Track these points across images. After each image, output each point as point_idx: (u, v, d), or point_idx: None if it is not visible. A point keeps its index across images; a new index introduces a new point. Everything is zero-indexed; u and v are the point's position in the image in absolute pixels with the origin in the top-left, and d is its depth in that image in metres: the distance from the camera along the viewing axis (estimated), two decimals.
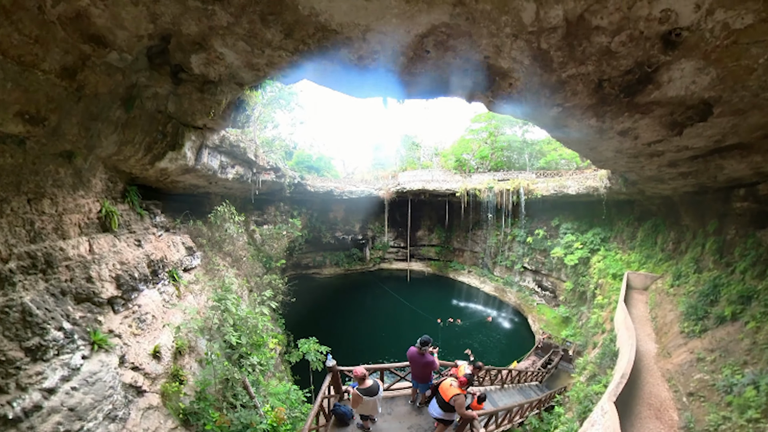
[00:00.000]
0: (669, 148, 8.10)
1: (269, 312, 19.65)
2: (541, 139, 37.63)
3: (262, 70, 6.94)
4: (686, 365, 10.08)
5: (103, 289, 6.70)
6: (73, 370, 5.49)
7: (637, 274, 16.87)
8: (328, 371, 7.29)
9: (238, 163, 16.34)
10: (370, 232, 42.10)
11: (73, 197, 6.31)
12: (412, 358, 7.21)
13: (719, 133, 6.89)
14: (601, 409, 7.91)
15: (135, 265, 8.13)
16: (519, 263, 34.17)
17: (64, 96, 5.08)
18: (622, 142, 7.76)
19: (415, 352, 7.08)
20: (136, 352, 7.19)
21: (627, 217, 22.49)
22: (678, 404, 9.18)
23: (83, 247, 6.45)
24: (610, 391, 8.32)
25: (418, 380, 7.62)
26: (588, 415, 9.36)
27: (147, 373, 7.13)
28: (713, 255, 12.27)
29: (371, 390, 6.07)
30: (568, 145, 9.98)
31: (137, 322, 7.67)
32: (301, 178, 25.32)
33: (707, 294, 11.28)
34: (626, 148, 8.37)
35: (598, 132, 7.43)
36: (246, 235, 20.91)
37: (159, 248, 10.02)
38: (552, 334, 23.78)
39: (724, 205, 12.08)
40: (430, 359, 7.04)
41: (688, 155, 8.86)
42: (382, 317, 30.69)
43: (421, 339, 7.02)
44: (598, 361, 12.97)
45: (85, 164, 6.56)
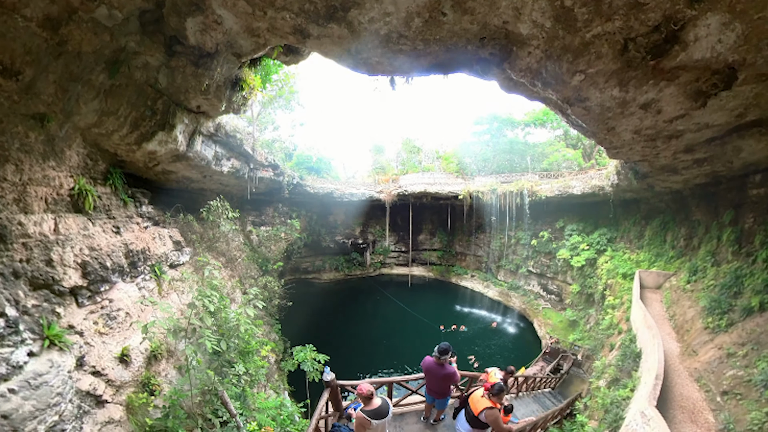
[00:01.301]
0: (689, 127, 7.67)
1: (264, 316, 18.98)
2: (543, 142, 37.39)
3: (262, 36, 6.56)
4: (715, 362, 9.32)
5: (65, 275, 5.79)
6: (14, 368, 4.53)
7: (649, 273, 16.15)
8: (326, 386, 6.23)
9: (234, 156, 15.74)
10: (370, 236, 41.38)
11: (41, 167, 5.64)
12: (428, 370, 6.24)
13: (742, 105, 6.53)
14: (642, 416, 7.13)
15: (108, 253, 7.16)
16: (523, 267, 33.38)
17: (43, 49, 4.66)
18: (643, 118, 7.32)
19: (433, 363, 6.13)
20: (100, 354, 6.14)
21: (633, 216, 21.87)
22: (712, 405, 8.40)
23: (47, 225, 5.67)
24: (648, 395, 7.57)
25: (434, 395, 6.61)
26: (620, 423, 8.70)
27: (110, 380, 6.10)
28: (731, 246, 11.64)
29: (380, 411, 4.77)
30: (584, 131, 9.40)
31: (105, 318, 6.66)
32: (301, 178, 24.78)
33: (730, 286, 10.63)
34: (646, 128, 7.90)
35: (620, 105, 6.95)
36: (242, 235, 20.23)
37: (142, 239, 9.20)
38: (559, 338, 22.86)
39: (738, 194, 11.64)
40: (450, 371, 6.09)
41: (707, 137, 8.47)
42: (383, 324, 29.78)
43: (440, 347, 6.03)
44: (619, 364, 12.13)
45: (60, 132, 5.92)
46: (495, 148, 38.45)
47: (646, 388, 8.40)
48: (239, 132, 15.25)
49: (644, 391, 8.54)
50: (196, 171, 13.66)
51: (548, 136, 37.56)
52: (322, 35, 6.01)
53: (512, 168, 37.62)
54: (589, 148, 34.24)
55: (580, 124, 8.48)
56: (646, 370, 9.90)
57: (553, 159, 33.50)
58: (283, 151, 34.52)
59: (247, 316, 9.49)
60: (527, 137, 36.69)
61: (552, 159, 33.63)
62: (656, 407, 7.43)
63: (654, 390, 7.63)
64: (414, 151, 45.21)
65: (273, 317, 19.70)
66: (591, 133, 9.21)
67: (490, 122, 36.72)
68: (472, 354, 24.27)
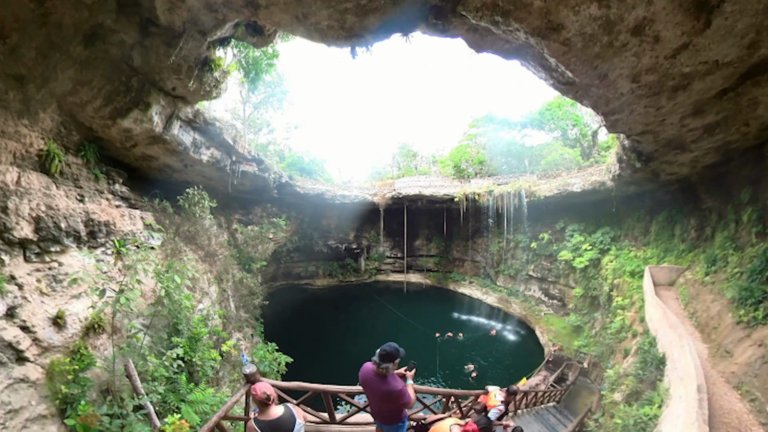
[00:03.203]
0: (696, 68, 6.59)
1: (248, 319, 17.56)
2: (541, 144, 36.77)
3: (220, 12, 6.98)
4: (757, 363, 8.01)
5: (17, 225, 5.92)
6: None
7: (660, 269, 14.93)
8: (245, 381, 4.66)
9: (214, 146, 14.82)
10: (365, 241, 40.05)
11: (15, 122, 6.12)
12: (365, 383, 4.06)
13: (752, 26, 5.49)
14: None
15: (65, 215, 7.04)
16: (523, 271, 32.17)
17: (29, 18, 5.22)
18: (640, 54, 6.15)
19: (371, 372, 3.91)
20: (34, 311, 5.83)
21: (637, 212, 20.80)
22: (761, 417, 7.04)
23: (10, 176, 6.01)
24: (694, 417, 6.14)
25: (377, 418, 4.38)
26: None
27: (38, 339, 5.69)
28: (754, 227, 10.51)
29: (278, 425, 3.36)
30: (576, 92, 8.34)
31: (50, 279, 6.43)
32: (290, 177, 23.63)
33: (761, 270, 9.44)
34: (646, 70, 6.69)
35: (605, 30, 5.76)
36: (227, 233, 18.91)
37: (108, 213, 8.85)
38: (563, 345, 21.45)
39: (755, 168, 10.61)
40: (394, 387, 3.76)
41: (718, 86, 7.47)
42: (378, 332, 28.37)
43: (381, 350, 3.77)
44: (638, 373, 10.66)
45: (37, 95, 6.39)
46: (491, 151, 37.74)
47: (683, 405, 6.99)
48: (219, 121, 14.39)
49: (680, 407, 7.13)
50: (176, 158, 13.29)
51: (546, 138, 37.01)
52: (270, 4, 6.25)
53: (510, 170, 36.83)
54: (587, 148, 33.58)
55: (568, 76, 7.32)
56: (677, 380, 8.51)
57: (551, 158, 32.73)
58: (277, 154, 33.63)
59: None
60: (524, 139, 36.15)
61: (550, 159, 32.87)
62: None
63: (701, 408, 6.22)
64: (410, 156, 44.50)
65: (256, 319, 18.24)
66: (583, 90, 8.11)
67: (485, 124, 36.12)
68: (470, 363, 22.94)
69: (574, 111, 33.59)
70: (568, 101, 33.33)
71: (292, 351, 21.01)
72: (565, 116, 33.31)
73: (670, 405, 8.35)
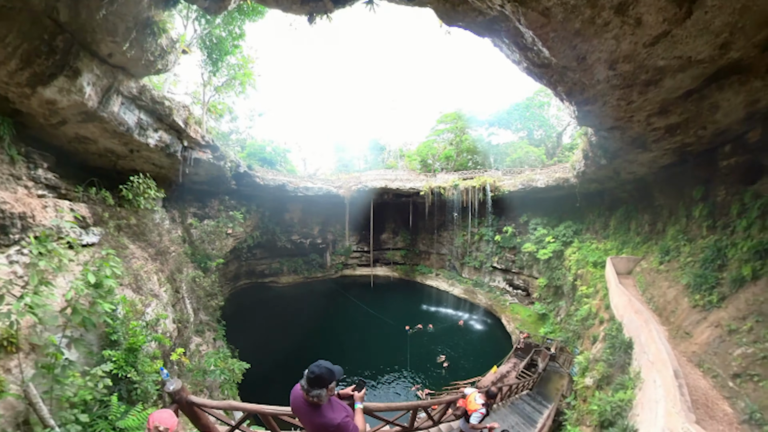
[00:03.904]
0: (670, 63, 6.72)
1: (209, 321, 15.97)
2: (506, 142, 38.03)
3: None
4: (716, 342, 8.63)
5: None
6: None
7: (620, 259, 16.01)
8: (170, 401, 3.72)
9: (163, 128, 13.09)
10: (330, 236, 38.91)
11: None
12: (296, 410, 3.13)
13: (727, 26, 5.70)
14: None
15: None
16: (488, 263, 33.21)
17: None
18: (620, 37, 6.05)
19: (300, 399, 2.99)
20: None
21: (598, 208, 22.26)
22: (724, 392, 7.54)
23: None
24: (678, 405, 6.16)
25: None
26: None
27: None
28: (705, 221, 11.48)
29: None
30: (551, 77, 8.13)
31: None
32: (249, 167, 21.86)
33: (712, 259, 10.29)
34: (623, 57, 6.60)
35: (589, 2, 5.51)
36: (181, 228, 16.96)
37: (24, 203, 7.27)
38: (530, 333, 22.36)
39: (707, 169, 11.57)
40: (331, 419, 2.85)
41: (685, 87, 7.83)
42: (346, 328, 27.71)
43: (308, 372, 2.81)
44: (608, 358, 11.11)
45: None
46: (458, 147, 38.33)
47: (660, 390, 7.19)
48: (169, 100, 12.66)
49: (657, 392, 7.35)
50: (118, 141, 11.72)
51: (512, 137, 38.37)
52: None
53: (475, 166, 37.73)
54: (551, 148, 35.34)
55: (544, 55, 7.02)
56: (647, 363, 8.89)
57: (516, 156, 33.99)
58: (239, 143, 31.22)
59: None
60: (491, 137, 37.11)
61: (515, 156, 34.11)
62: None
63: (683, 396, 6.23)
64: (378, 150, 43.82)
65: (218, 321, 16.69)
66: (559, 75, 7.85)
67: (454, 121, 36.50)
68: (441, 353, 23.13)
69: (541, 113, 35.04)
70: (536, 102, 34.67)
71: (256, 354, 19.82)
72: (532, 117, 34.67)
73: (643, 389, 8.68)
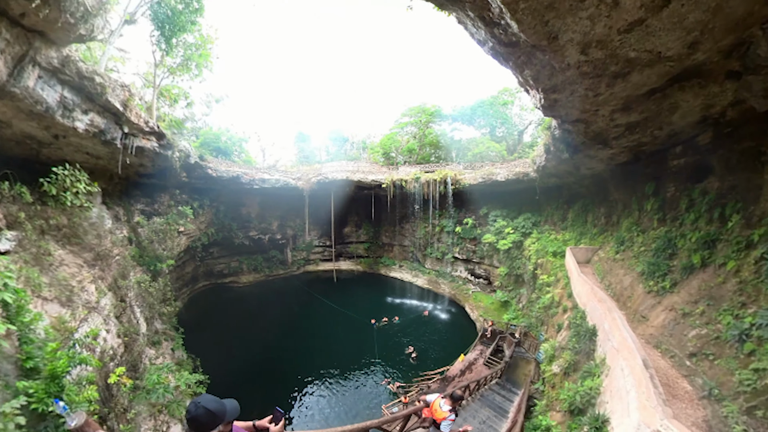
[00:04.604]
0: (641, 55, 6.68)
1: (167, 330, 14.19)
2: (469, 138, 39.09)
3: None
4: (671, 325, 9.58)
5: None
6: None
7: (578, 249, 17.29)
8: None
9: (95, 110, 11.08)
10: (290, 231, 37.20)
11: None
12: None
13: (699, 23, 5.76)
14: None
15: None
16: (449, 253, 34.25)
17: None
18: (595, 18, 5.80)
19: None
20: None
21: (556, 201, 23.79)
22: (682, 370, 8.37)
23: None
24: (655, 400, 6.33)
25: None
26: (604, 429, 7.71)
27: None
28: (656, 214, 12.70)
29: None
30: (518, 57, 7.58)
31: None
32: (200, 158, 19.68)
33: (663, 249, 11.38)
34: (596, 40, 6.34)
35: None
36: (126, 227, 14.70)
37: None
38: (494, 320, 23.50)
39: (658, 167, 12.69)
40: None
41: (650, 84, 8.01)
42: (311, 326, 26.86)
43: (187, 414, 2.20)
44: (574, 346, 11.81)
45: None
46: (422, 141, 38.59)
47: (630, 379, 7.55)
48: (102, 76, 10.62)
49: (627, 381, 7.73)
50: (37, 124, 9.78)
51: (475, 133, 39.48)
52: None
53: (438, 160, 38.37)
54: (513, 145, 37.00)
55: (512, 31, 6.54)
56: (613, 350, 9.49)
57: (478, 151, 35.08)
58: (195, 132, 28.08)
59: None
60: (454, 132, 37.79)
61: (476, 151, 35.19)
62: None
63: (657, 389, 6.48)
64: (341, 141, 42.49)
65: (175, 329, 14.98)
66: (527, 56, 7.39)
67: (418, 114, 36.53)
68: (410, 345, 23.36)
69: (505, 111, 36.34)
70: (501, 101, 35.75)
71: (221, 361, 18.38)
72: (496, 114, 35.82)
73: (610, 375, 9.25)
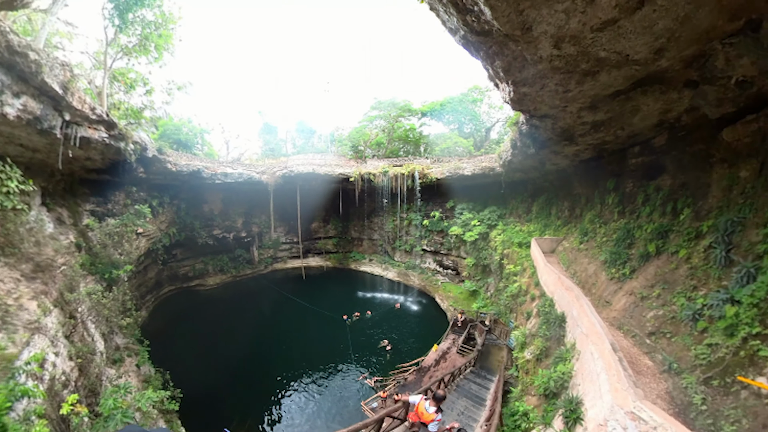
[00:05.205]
0: (610, 56, 6.85)
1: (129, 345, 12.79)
2: (437, 134, 39.71)
3: None
4: (632, 308, 10.62)
5: None
6: None
7: (543, 239, 18.46)
8: None
9: (28, 93, 9.63)
10: (255, 228, 35.51)
11: None
12: None
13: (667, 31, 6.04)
14: (633, 418, 5.75)
15: None
16: (418, 246, 35.00)
17: None
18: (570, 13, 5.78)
19: None
20: None
21: (521, 195, 25.15)
22: (643, 348, 9.32)
23: None
24: (626, 383, 6.51)
25: None
26: (580, 412, 7.89)
27: None
28: (616, 207, 13.93)
29: None
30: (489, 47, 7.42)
31: None
32: (159, 150, 17.88)
33: (623, 239, 12.53)
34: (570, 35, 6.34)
35: None
36: (74, 232, 12.91)
37: None
38: (464, 309, 24.49)
39: (619, 165, 13.90)
40: None
41: (617, 86, 8.36)
42: (283, 326, 26.17)
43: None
44: (545, 333, 12.48)
45: None
46: (391, 135, 38.55)
47: (600, 362, 8.05)
48: (37, 52, 9.15)
49: (597, 365, 8.22)
50: None
51: (444, 129, 40.17)
52: None
53: (407, 155, 38.67)
54: (480, 141, 38.23)
55: (485, 18, 6.32)
56: (582, 336, 10.08)
57: (446, 146, 35.86)
58: (155, 123, 25.29)
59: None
60: (423, 127, 38.18)
61: (444, 146, 35.95)
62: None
63: (626, 371, 6.79)
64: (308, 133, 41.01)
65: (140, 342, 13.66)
66: (499, 46, 7.25)
67: (387, 108, 36.34)
68: (384, 338, 23.53)
69: (474, 108, 37.27)
70: (470, 98, 36.55)
71: (191, 373, 17.27)
72: (464, 111, 36.63)
73: (581, 359, 9.80)
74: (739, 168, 8.14)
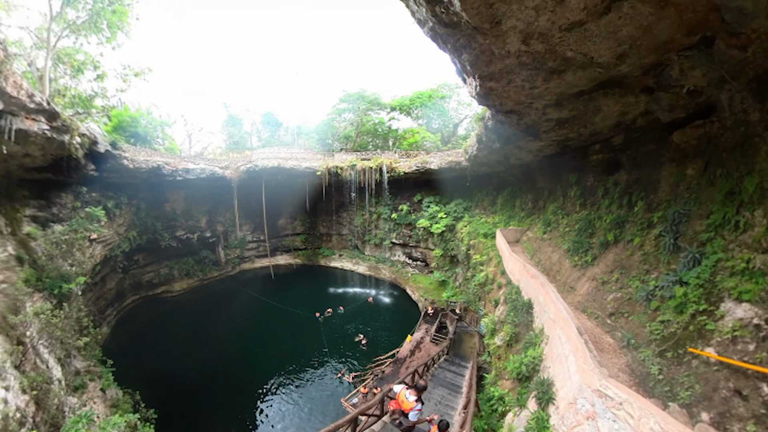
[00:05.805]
0: (576, 56, 7.06)
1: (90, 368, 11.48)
2: (406, 128, 39.94)
3: None
4: (594, 292, 11.76)
5: None
6: None
7: (508, 230, 19.60)
8: None
9: None
10: (220, 227, 33.63)
11: None
12: None
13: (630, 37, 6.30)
14: (601, 396, 6.14)
15: None
16: (387, 239, 35.51)
17: None
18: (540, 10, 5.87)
19: None
20: None
21: (486, 188, 26.32)
22: (605, 327, 10.39)
23: None
24: (592, 363, 7.00)
25: None
26: (552, 392, 8.42)
27: None
28: (578, 200, 15.15)
29: None
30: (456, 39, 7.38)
31: None
32: (113, 145, 16.12)
33: (585, 229, 13.69)
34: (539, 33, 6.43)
35: None
36: (12, 242, 11.20)
37: None
38: (434, 299, 25.37)
39: (581, 160, 14.99)
40: None
41: (581, 86, 8.69)
42: (255, 328, 25.34)
43: None
44: (513, 320, 13.18)
45: None
46: (359, 128, 38.18)
47: (568, 346, 8.63)
48: None
49: (564, 348, 8.87)
50: None
51: (412, 124, 40.45)
52: None
53: (375, 149, 38.61)
54: (447, 136, 39.04)
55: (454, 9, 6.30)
56: (549, 321, 10.82)
57: (414, 140, 36.27)
58: (107, 113, 22.37)
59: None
60: (392, 122, 38.13)
61: (412, 140, 36.34)
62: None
63: (592, 353, 7.19)
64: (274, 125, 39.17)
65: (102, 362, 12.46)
66: (467, 38, 7.24)
67: (356, 101, 35.81)
68: (359, 333, 23.83)
69: (442, 104, 37.79)
70: (439, 94, 36.94)
71: (165, 388, 16.43)
72: (433, 106, 37.07)
73: (549, 343, 10.56)
74: (686, 167, 9.30)
